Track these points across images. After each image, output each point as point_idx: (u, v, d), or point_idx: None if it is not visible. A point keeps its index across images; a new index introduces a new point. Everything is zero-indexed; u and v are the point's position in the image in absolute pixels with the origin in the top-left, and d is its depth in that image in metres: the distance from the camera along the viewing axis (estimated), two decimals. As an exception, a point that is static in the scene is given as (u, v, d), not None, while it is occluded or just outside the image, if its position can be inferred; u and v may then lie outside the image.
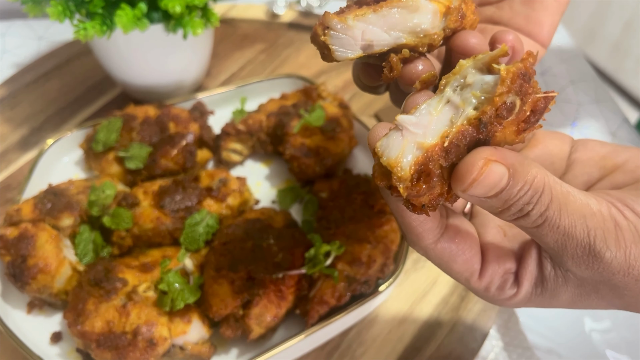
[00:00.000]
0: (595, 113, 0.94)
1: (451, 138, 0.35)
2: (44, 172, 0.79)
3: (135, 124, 0.78)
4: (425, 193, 0.36)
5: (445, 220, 0.42)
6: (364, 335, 0.70)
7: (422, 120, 0.37)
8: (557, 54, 1.01)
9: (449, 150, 0.35)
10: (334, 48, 0.42)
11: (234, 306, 0.64)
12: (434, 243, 0.41)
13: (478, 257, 0.43)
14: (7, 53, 1.01)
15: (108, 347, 0.60)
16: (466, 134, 0.35)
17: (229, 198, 0.73)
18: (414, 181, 0.35)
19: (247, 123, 0.82)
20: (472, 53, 0.46)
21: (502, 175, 0.35)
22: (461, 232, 0.43)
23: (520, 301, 0.43)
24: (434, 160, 0.35)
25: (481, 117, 0.35)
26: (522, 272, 0.42)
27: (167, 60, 0.83)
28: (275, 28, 1.04)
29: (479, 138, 0.36)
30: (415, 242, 0.42)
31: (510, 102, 0.36)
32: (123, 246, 0.71)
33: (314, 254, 0.66)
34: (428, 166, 0.35)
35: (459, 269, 0.42)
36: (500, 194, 0.36)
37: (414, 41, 0.44)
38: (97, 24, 0.73)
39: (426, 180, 0.35)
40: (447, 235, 0.42)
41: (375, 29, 0.42)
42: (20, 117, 0.90)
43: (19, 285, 0.66)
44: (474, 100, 0.37)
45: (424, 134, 0.36)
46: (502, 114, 0.35)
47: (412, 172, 0.35)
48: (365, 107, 0.93)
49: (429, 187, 0.35)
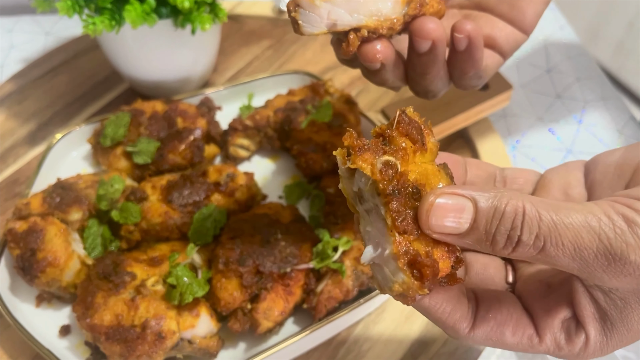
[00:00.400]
0: (601, 110, 0.94)
1: (395, 225, 0.35)
2: (52, 167, 0.79)
3: (143, 119, 0.78)
4: (435, 276, 0.36)
5: (474, 303, 0.41)
6: (370, 331, 0.70)
7: (372, 242, 0.38)
8: (563, 51, 1.01)
9: (406, 231, 0.35)
10: (301, 23, 0.48)
11: (242, 300, 0.64)
12: (472, 329, 0.40)
13: (525, 320, 0.41)
14: (15, 48, 1.01)
15: (117, 340, 0.61)
16: (399, 209, 0.35)
17: (237, 193, 0.73)
18: (420, 279, 0.35)
19: (255, 119, 0.82)
20: (428, 35, 0.51)
21: (462, 202, 0.35)
22: (493, 304, 0.41)
23: (597, 346, 0.39)
24: (409, 252, 0.35)
25: (387, 190, 0.36)
26: (579, 313, 0.39)
27: (175, 55, 0.84)
28: (281, 24, 1.04)
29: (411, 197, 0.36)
30: (454, 334, 0.41)
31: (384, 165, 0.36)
32: (131, 240, 0.71)
33: (322, 249, 0.67)
34: (414, 259, 0.35)
35: (512, 340, 0.40)
36: (475, 224, 0.35)
37: (374, 24, 0.49)
38: (106, 18, 0.73)
39: (422, 264, 0.35)
40: (480, 314, 0.40)
41: (340, 10, 0.48)
42: (27, 112, 0.91)
43: (28, 278, 0.66)
44: (371, 193, 0.37)
45: (383, 248, 0.37)
46: (389, 172, 0.36)
47: (412, 275, 0.35)
48: (372, 104, 0.93)
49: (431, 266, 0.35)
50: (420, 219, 0.35)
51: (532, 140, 0.91)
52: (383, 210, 0.36)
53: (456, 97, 0.84)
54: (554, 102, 0.95)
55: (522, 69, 1.00)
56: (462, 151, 0.87)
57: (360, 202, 0.39)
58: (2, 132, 0.88)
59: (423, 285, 0.35)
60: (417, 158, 0.37)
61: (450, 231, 0.35)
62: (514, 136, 0.91)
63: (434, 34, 0.51)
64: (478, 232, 0.35)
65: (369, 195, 0.37)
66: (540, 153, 0.89)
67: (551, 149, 0.90)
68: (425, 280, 0.35)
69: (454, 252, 0.37)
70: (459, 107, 0.83)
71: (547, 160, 0.88)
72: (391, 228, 0.35)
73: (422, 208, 0.35)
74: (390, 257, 0.35)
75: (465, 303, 0.40)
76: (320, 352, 0.69)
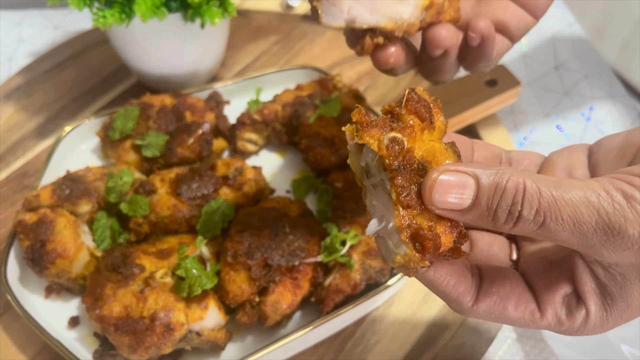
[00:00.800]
0: (609, 107, 0.94)
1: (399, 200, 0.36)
2: (61, 159, 0.79)
3: (152, 113, 0.79)
4: (436, 249, 0.36)
5: (477, 278, 0.42)
6: (377, 324, 0.70)
7: (377, 216, 0.39)
8: (571, 49, 1.01)
9: (409, 205, 0.36)
10: (322, 14, 0.49)
11: (250, 293, 0.64)
12: (475, 302, 0.41)
13: (527, 295, 0.41)
14: (23, 42, 1.02)
15: (126, 331, 0.61)
16: (403, 185, 0.36)
17: (245, 187, 0.74)
18: (421, 251, 0.36)
19: (263, 113, 0.82)
20: (441, 45, 0.52)
21: (464, 179, 0.36)
22: (496, 279, 0.42)
23: (597, 322, 0.40)
24: (411, 225, 0.36)
25: (392, 165, 0.36)
26: (580, 288, 0.40)
27: (184, 49, 0.84)
28: (289, 20, 1.04)
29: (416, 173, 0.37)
30: (458, 308, 0.42)
31: (390, 141, 0.37)
32: (140, 233, 0.71)
33: (330, 243, 0.67)
34: (417, 232, 0.36)
35: (514, 314, 0.41)
36: (477, 200, 0.36)
37: (392, 26, 0.50)
38: (116, 12, 0.73)
39: (423, 237, 0.36)
40: (483, 288, 0.41)
41: (362, 8, 0.49)
42: (36, 105, 0.91)
43: (38, 269, 0.66)
44: (378, 168, 0.38)
45: (387, 221, 0.38)
46: (395, 148, 0.37)
47: (414, 247, 0.36)
48: (380, 99, 0.93)
49: (433, 240, 0.36)
50: (424, 194, 0.36)
51: (540, 136, 0.91)
52: (388, 185, 0.37)
53: (465, 93, 0.84)
54: (561, 99, 0.95)
55: (530, 65, 1.00)
56: (469, 147, 0.87)
57: (367, 177, 0.40)
58: (11, 125, 0.88)
59: (424, 258, 0.36)
60: (424, 136, 0.38)
61: (452, 207, 0.36)
62: (522, 132, 0.91)
63: (447, 42, 0.52)
64: (480, 208, 0.36)
65: (376, 170, 0.38)
66: (548, 150, 0.88)
67: (559, 145, 0.90)
68: (426, 253, 0.36)
69: (456, 227, 0.37)
70: (467, 103, 0.83)
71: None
72: (395, 202, 0.36)
73: (426, 184, 0.36)
74: (393, 230, 0.36)
75: (469, 277, 0.41)
76: (328, 346, 0.69)
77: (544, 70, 0.99)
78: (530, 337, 0.71)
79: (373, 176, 0.39)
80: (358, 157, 0.40)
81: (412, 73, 0.97)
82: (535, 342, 0.71)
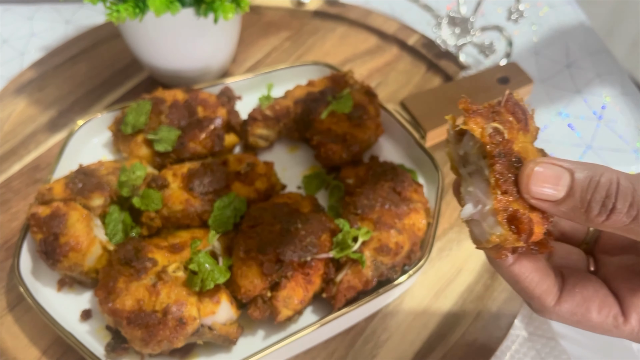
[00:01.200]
0: (622, 106, 0.93)
1: (497, 185, 0.39)
2: (73, 153, 0.79)
3: (164, 107, 0.79)
4: (530, 234, 0.38)
5: (560, 279, 0.43)
6: (388, 321, 0.70)
7: (472, 201, 0.42)
8: (584, 47, 1.01)
9: (506, 191, 0.39)
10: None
11: (262, 288, 0.64)
12: (557, 302, 0.41)
13: (611, 299, 0.42)
14: (35, 36, 1.02)
15: (138, 324, 0.61)
16: (502, 171, 0.39)
17: (257, 182, 0.74)
18: (517, 233, 0.38)
19: (274, 109, 0.82)
20: None
21: (560, 172, 0.38)
22: (579, 282, 0.42)
23: None
24: (507, 209, 0.39)
25: (493, 152, 0.39)
26: None
27: (196, 44, 0.84)
28: (300, 16, 1.04)
29: (513, 164, 0.39)
30: (540, 306, 0.42)
31: (493, 129, 0.39)
32: (152, 227, 0.71)
33: (342, 239, 0.67)
34: (513, 215, 0.38)
35: (597, 318, 0.41)
36: (571, 192, 0.37)
37: None
38: (130, 6, 0.73)
39: (519, 221, 0.38)
40: (567, 289, 0.42)
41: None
42: (48, 99, 0.91)
43: (51, 262, 0.67)
44: (477, 156, 0.41)
45: (483, 205, 0.40)
46: (496, 137, 0.39)
47: (509, 229, 0.38)
48: (391, 96, 0.93)
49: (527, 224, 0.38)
50: (521, 183, 0.38)
51: (552, 135, 0.90)
52: (487, 171, 0.39)
53: (477, 90, 0.84)
54: (573, 98, 0.95)
55: (541, 64, 0.99)
56: (480, 145, 0.87)
57: (463, 165, 0.42)
58: (24, 119, 0.89)
59: (519, 238, 0.38)
60: (519, 136, 0.41)
61: (547, 197, 0.38)
62: (533, 131, 0.91)
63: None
64: (574, 200, 0.37)
65: (475, 158, 0.41)
66: (560, 148, 0.89)
67: (571, 144, 0.89)
68: (521, 234, 0.38)
69: (547, 219, 0.39)
70: (479, 100, 0.82)
71: (566, 156, 0.87)
72: (494, 187, 0.39)
73: (523, 173, 0.38)
74: (489, 212, 0.39)
75: (553, 277, 0.42)
76: (339, 342, 0.69)
77: (556, 68, 0.98)
78: (541, 335, 0.71)
79: (470, 164, 0.41)
80: (456, 146, 0.42)
81: (424, 71, 0.97)
82: (547, 340, 0.71)
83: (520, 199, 0.39)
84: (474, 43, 0.97)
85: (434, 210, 0.73)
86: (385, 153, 0.83)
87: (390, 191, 0.72)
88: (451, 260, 0.75)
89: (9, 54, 1.00)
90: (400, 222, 0.69)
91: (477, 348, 0.68)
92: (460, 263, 0.75)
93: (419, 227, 0.70)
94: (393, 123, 0.83)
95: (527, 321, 0.72)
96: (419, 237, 0.70)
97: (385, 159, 0.80)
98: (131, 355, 0.65)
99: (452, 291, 0.73)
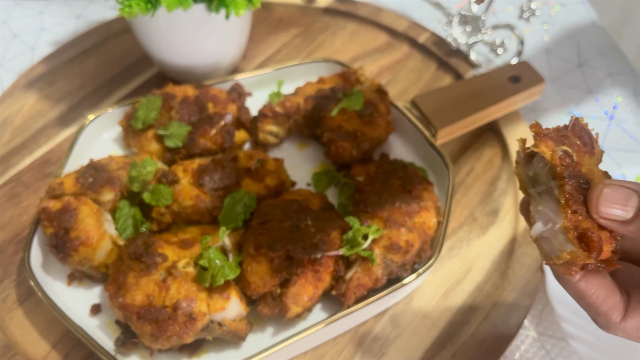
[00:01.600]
0: (633, 107, 0.93)
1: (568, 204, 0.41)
2: (83, 148, 0.80)
3: (175, 103, 0.79)
4: (599, 251, 0.40)
5: (625, 296, 0.44)
6: (398, 319, 0.70)
7: (541, 220, 0.44)
8: (595, 47, 1.00)
9: (576, 211, 0.41)
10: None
11: (272, 285, 0.64)
12: (624, 318, 0.42)
13: None
14: (46, 31, 1.02)
15: (148, 320, 0.61)
16: (572, 192, 0.41)
17: (267, 179, 0.74)
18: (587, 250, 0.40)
19: (285, 106, 0.82)
20: None
21: (628, 193, 0.40)
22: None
23: None
24: (578, 227, 0.41)
25: (563, 174, 0.41)
26: None
27: (207, 40, 0.84)
28: (310, 13, 1.04)
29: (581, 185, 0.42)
30: (605, 322, 0.43)
31: (564, 152, 0.42)
32: (162, 222, 0.71)
33: (352, 237, 0.67)
34: (584, 233, 0.40)
35: None
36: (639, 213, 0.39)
37: None
38: (142, 1, 0.73)
39: (589, 239, 0.40)
40: (632, 305, 0.43)
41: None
42: (58, 93, 0.92)
43: (61, 256, 0.67)
44: (547, 177, 0.43)
45: (553, 223, 0.42)
46: (566, 160, 0.41)
47: (579, 246, 0.40)
48: (401, 94, 0.93)
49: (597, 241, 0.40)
50: (590, 203, 0.40)
51: (562, 134, 0.90)
52: (557, 191, 0.41)
53: (488, 89, 0.84)
54: (584, 97, 0.94)
55: (553, 63, 0.99)
56: (491, 144, 0.87)
57: (533, 186, 0.45)
58: (34, 113, 0.89)
59: (590, 255, 0.40)
60: (586, 158, 0.43)
61: (616, 217, 0.40)
62: (544, 130, 0.90)
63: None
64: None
65: (545, 179, 0.43)
66: (570, 148, 0.88)
67: (581, 144, 0.89)
68: (592, 251, 0.40)
69: (615, 238, 0.41)
70: (490, 99, 0.82)
71: (577, 156, 0.87)
72: (564, 206, 0.41)
73: (593, 194, 0.40)
74: (560, 230, 0.41)
75: (618, 293, 0.43)
76: (348, 339, 0.69)
77: (567, 67, 0.98)
78: (551, 335, 0.71)
79: (540, 185, 0.44)
80: (526, 167, 0.45)
81: (434, 69, 0.96)
82: (556, 340, 0.71)
83: (589, 219, 0.41)
84: (485, 41, 0.97)
85: (444, 208, 0.73)
86: (395, 151, 0.83)
87: (400, 189, 0.72)
88: (461, 259, 0.75)
89: (19, 48, 1.00)
90: (411, 221, 0.69)
91: (487, 347, 0.68)
92: (470, 262, 0.75)
93: (430, 225, 0.70)
94: (403, 121, 0.82)
95: (537, 321, 0.72)
96: (429, 235, 0.70)
97: (395, 157, 0.80)
98: (140, 350, 0.65)
99: (462, 290, 0.72)
